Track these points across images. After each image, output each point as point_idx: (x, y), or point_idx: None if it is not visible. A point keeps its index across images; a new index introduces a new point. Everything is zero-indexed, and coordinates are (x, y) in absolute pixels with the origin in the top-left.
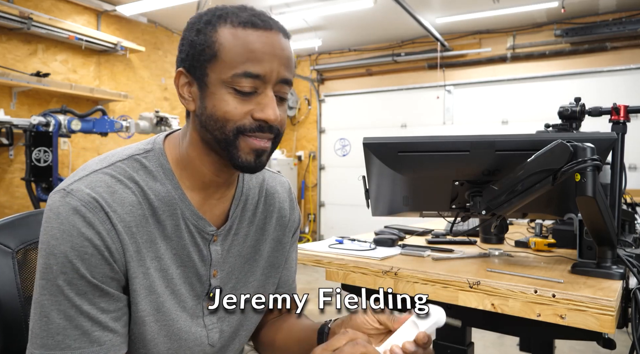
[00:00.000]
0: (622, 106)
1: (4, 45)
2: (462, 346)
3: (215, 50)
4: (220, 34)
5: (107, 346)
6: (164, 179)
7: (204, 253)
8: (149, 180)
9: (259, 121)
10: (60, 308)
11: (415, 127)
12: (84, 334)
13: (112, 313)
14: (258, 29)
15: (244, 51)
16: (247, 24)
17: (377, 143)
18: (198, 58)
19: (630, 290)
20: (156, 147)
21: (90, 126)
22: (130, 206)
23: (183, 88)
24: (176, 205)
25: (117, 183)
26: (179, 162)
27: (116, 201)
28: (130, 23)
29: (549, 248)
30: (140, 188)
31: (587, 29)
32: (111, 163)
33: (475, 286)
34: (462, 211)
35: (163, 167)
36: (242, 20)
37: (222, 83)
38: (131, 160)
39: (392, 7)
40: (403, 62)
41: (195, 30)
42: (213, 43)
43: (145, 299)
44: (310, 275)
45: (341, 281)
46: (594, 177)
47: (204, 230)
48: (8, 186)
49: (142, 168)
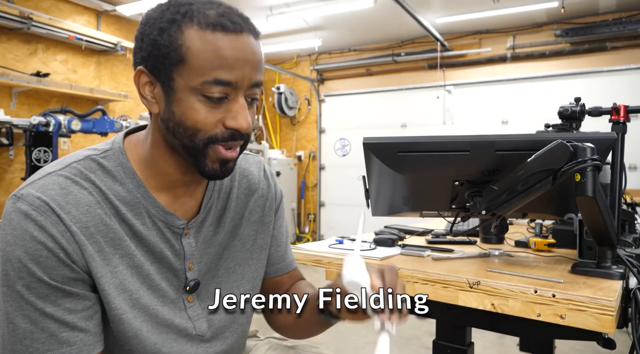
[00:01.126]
0: (622, 106)
1: (4, 45)
2: (462, 346)
3: (182, 54)
4: (187, 37)
5: (78, 346)
6: (125, 178)
7: (176, 247)
8: (108, 180)
9: (231, 130)
10: (24, 313)
11: (415, 127)
12: (52, 336)
13: (80, 312)
14: (228, 33)
15: (214, 57)
16: (216, 26)
17: (377, 143)
18: (162, 61)
19: (630, 290)
20: (115, 147)
21: (90, 126)
22: (87, 207)
23: (144, 87)
24: (140, 204)
25: (72, 184)
26: (141, 162)
27: (70, 203)
28: (130, 23)
29: (549, 248)
30: (97, 188)
31: (587, 29)
32: (66, 164)
33: (475, 286)
34: (462, 211)
35: (123, 166)
36: (211, 22)
37: (190, 89)
38: (87, 160)
39: (392, 7)
40: (403, 62)
41: (157, 28)
42: (179, 46)
43: (117, 297)
44: (310, 275)
45: None
46: (594, 177)
47: (173, 225)
48: (8, 186)
49: (100, 168)
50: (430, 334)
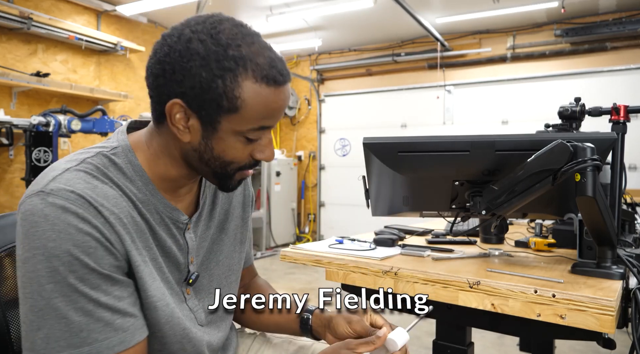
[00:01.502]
0: (622, 106)
1: (4, 45)
2: (462, 346)
3: (236, 105)
4: (244, 90)
5: (131, 331)
6: (134, 176)
7: (180, 242)
8: (120, 176)
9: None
10: (77, 306)
11: (415, 127)
12: (107, 324)
13: (127, 298)
14: (278, 87)
15: (265, 109)
16: (269, 80)
17: (377, 143)
18: (211, 104)
19: (630, 290)
20: (123, 144)
21: (90, 126)
22: (114, 199)
23: (178, 118)
24: (149, 201)
25: (93, 179)
26: (147, 162)
27: (100, 196)
28: (130, 23)
29: (549, 248)
30: (114, 184)
31: (587, 29)
32: (80, 160)
33: (475, 286)
34: (462, 211)
35: (132, 164)
36: (264, 74)
37: (235, 132)
38: (99, 156)
39: (392, 7)
40: (403, 62)
41: (208, 70)
42: (235, 98)
43: (152, 285)
44: (310, 275)
45: (341, 281)
46: (594, 177)
47: (178, 220)
48: (8, 186)
49: (112, 164)
50: (430, 334)
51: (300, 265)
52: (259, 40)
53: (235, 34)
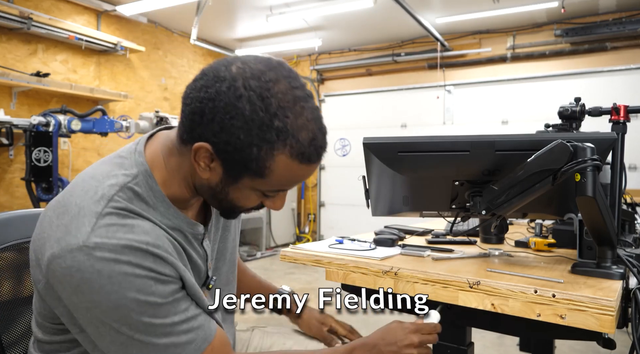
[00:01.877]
0: (622, 106)
1: (4, 45)
2: (462, 346)
3: (264, 173)
4: (276, 163)
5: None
6: (156, 202)
7: (200, 252)
8: (144, 206)
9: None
10: (157, 333)
11: (415, 127)
12: (188, 332)
13: (191, 304)
14: (311, 164)
15: (290, 181)
16: (304, 158)
17: (377, 143)
18: (239, 162)
19: (630, 290)
20: (142, 169)
21: (90, 126)
22: (154, 232)
23: (201, 157)
24: (174, 223)
25: (126, 218)
26: (165, 183)
27: (141, 234)
28: (130, 23)
29: (549, 248)
30: (143, 217)
31: (587, 29)
32: (108, 199)
33: (475, 286)
34: (462, 211)
35: (152, 189)
36: (301, 151)
37: (254, 189)
38: (124, 190)
39: (392, 7)
40: (403, 62)
41: (247, 132)
42: (265, 167)
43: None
44: (310, 275)
45: (341, 281)
46: (594, 177)
47: (198, 233)
48: (8, 186)
49: (135, 196)
50: None
51: (300, 265)
52: (309, 107)
53: (287, 101)
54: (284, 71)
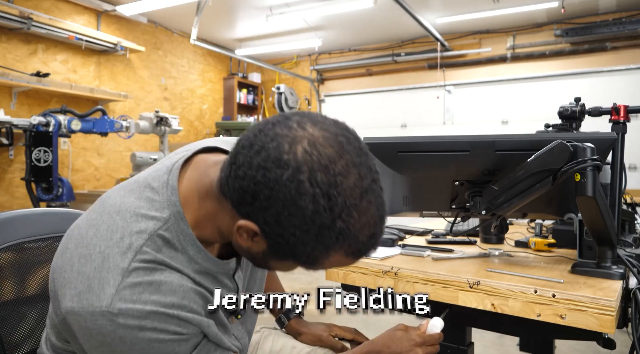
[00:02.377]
0: (622, 106)
1: (4, 45)
2: (462, 346)
3: (313, 265)
4: (330, 259)
5: None
6: (186, 245)
7: (230, 286)
8: (172, 253)
9: None
10: None
11: (415, 127)
12: None
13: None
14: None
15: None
16: (359, 254)
17: (377, 143)
18: (288, 252)
19: (630, 290)
20: (174, 211)
21: (90, 126)
22: (180, 287)
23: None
24: (202, 267)
25: (153, 273)
26: (196, 224)
27: (168, 294)
28: (130, 23)
29: (549, 248)
30: (170, 267)
31: (587, 29)
32: (135, 251)
33: (475, 286)
34: (462, 211)
35: (184, 233)
36: (358, 249)
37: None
38: (154, 238)
39: (392, 7)
40: (403, 62)
41: (304, 231)
42: (316, 262)
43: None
44: (310, 275)
45: (341, 281)
46: (594, 177)
47: (229, 270)
48: (8, 186)
49: (164, 244)
50: None
51: None
52: (376, 196)
53: (355, 197)
54: (354, 154)
